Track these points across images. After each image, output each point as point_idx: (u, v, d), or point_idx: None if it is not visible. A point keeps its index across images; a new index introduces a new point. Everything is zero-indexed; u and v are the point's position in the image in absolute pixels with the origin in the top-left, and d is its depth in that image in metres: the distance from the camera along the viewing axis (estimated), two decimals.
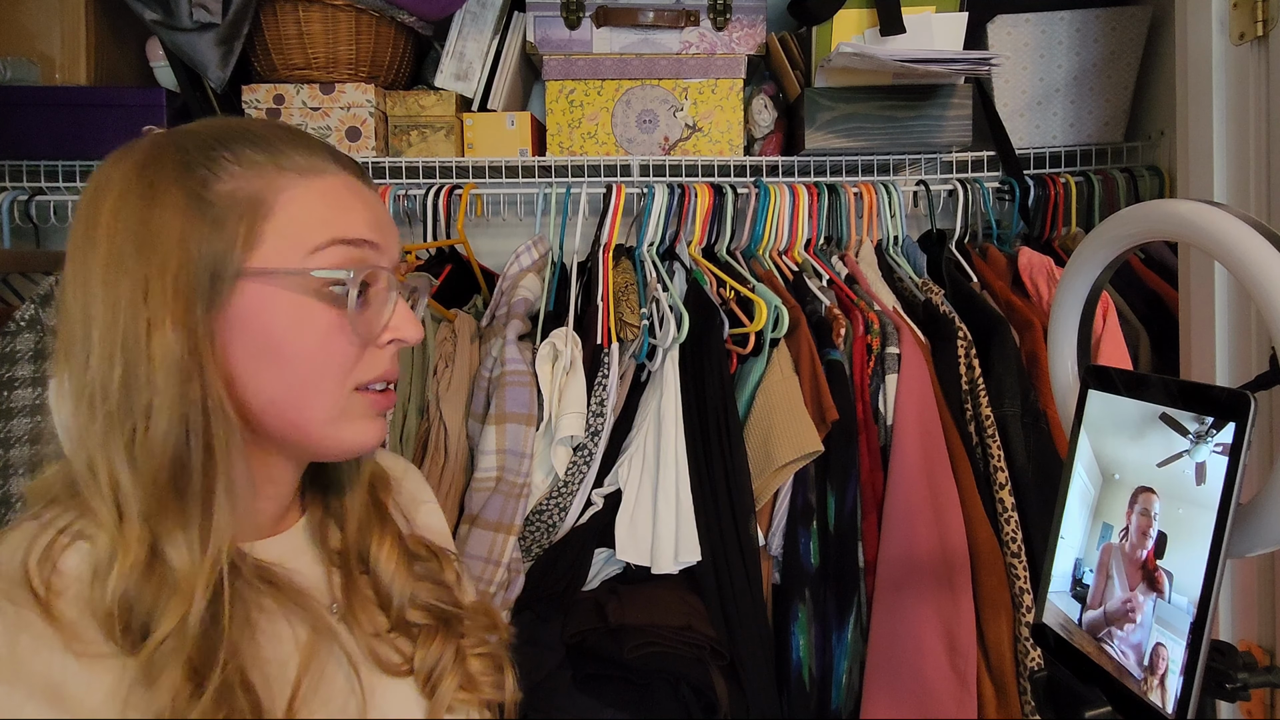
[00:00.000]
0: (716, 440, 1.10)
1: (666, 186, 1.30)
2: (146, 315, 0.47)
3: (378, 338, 0.54)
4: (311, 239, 0.51)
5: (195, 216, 0.49)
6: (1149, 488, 0.49)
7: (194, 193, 0.49)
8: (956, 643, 1.04)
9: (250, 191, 0.50)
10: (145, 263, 0.48)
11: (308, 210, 0.52)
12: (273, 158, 0.52)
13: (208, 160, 0.51)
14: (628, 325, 1.20)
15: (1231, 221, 0.48)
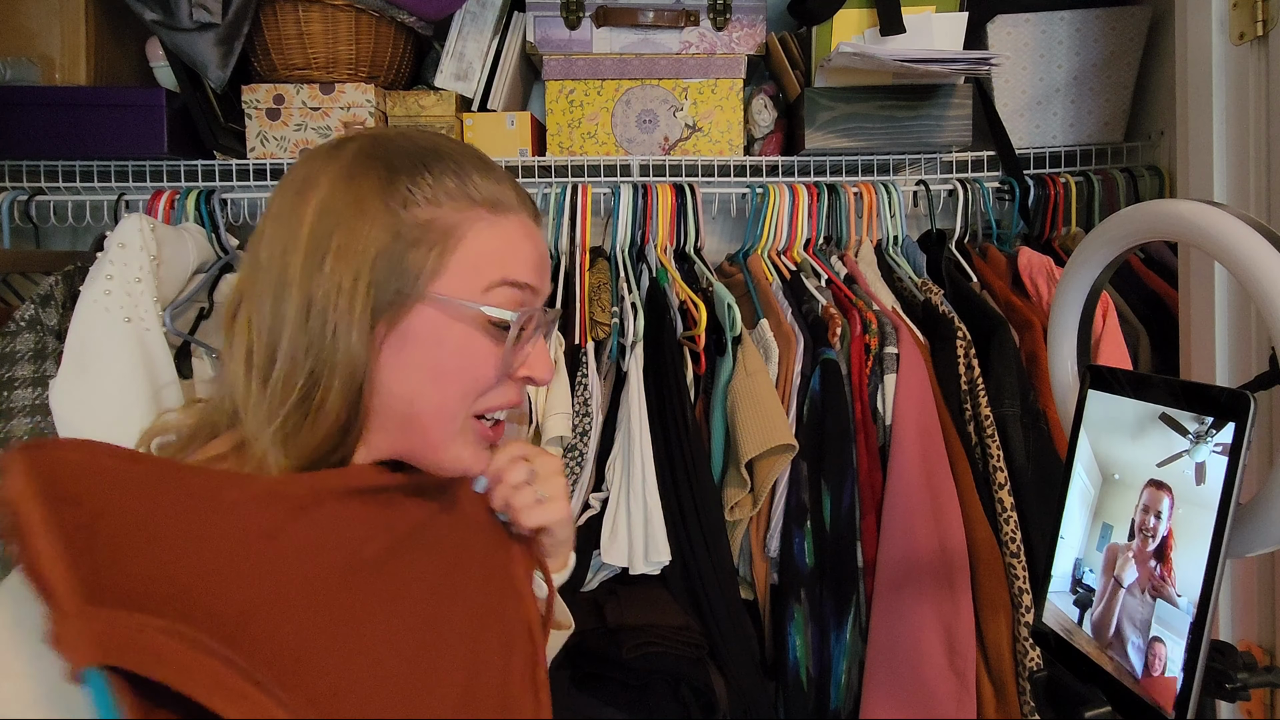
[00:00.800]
0: (677, 438, 1.11)
1: (631, 187, 1.31)
2: (338, 321, 0.51)
3: (515, 371, 0.58)
4: (487, 276, 0.55)
5: (392, 234, 0.53)
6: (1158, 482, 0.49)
7: (394, 212, 0.53)
8: (956, 643, 1.04)
9: (445, 224, 0.54)
10: (342, 269, 0.52)
11: (489, 248, 0.55)
12: (465, 189, 0.55)
13: (411, 182, 0.54)
14: (599, 325, 1.21)
15: (1231, 221, 0.48)
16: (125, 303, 1.02)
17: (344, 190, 0.53)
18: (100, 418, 0.99)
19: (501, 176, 0.59)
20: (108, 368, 1.00)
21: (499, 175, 0.58)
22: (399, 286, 0.53)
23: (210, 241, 1.24)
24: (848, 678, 1.10)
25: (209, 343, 1.12)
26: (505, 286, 0.55)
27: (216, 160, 1.32)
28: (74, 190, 1.33)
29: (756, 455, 1.06)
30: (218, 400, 0.56)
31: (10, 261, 1.25)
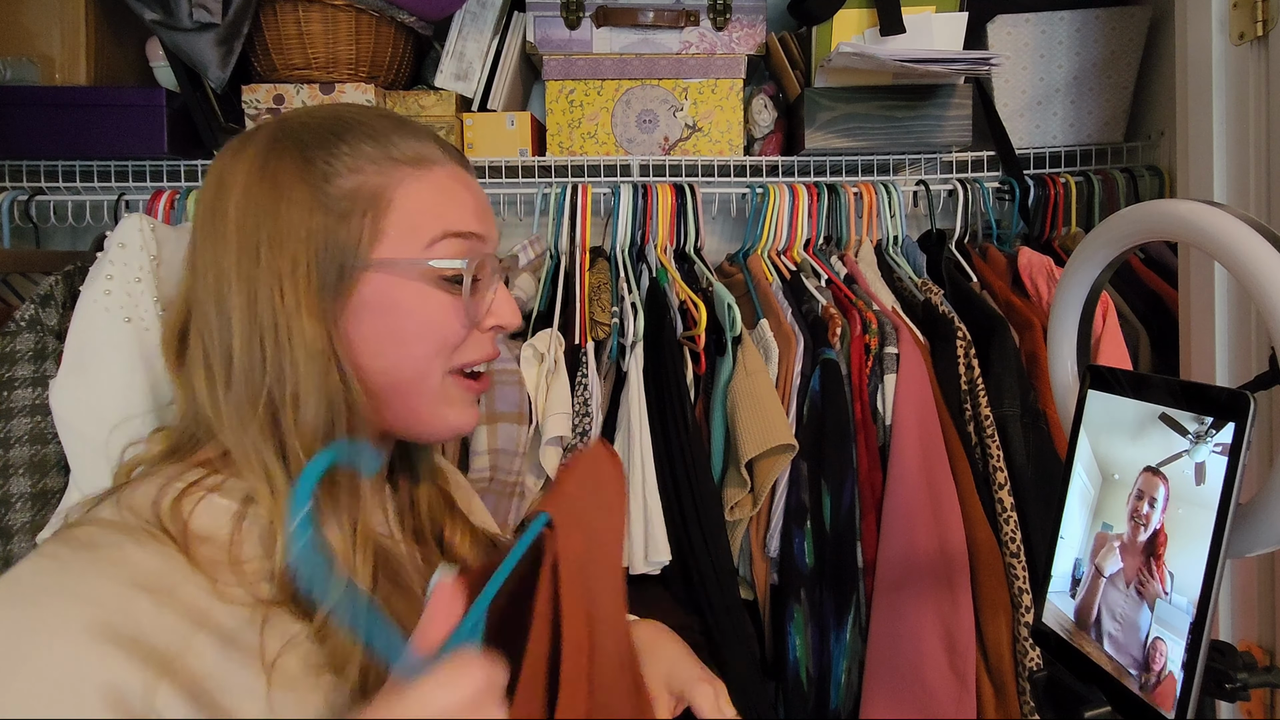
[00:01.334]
0: (677, 438, 1.11)
1: (631, 187, 1.31)
2: (285, 310, 0.51)
3: (481, 322, 0.57)
4: (428, 231, 0.54)
5: (320, 212, 0.52)
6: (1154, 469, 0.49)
7: (317, 187, 0.53)
8: (956, 643, 1.04)
9: (371, 188, 0.53)
10: (277, 257, 0.51)
11: (423, 203, 0.55)
12: (384, 150, 0.55)
13: (327, 155, 0.54)
14: (599, 325, 1.21)
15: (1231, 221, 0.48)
16: (125, 303, 1.02)
17: (260, 179, 0.52)
18: (100, 418, 0.98)
19: (421, 132, 0.58)
20: (108, 368, 1.00)
21: (418, 131, 0.58)
22: (340, 261, 0.52)
23: None
24: (848, 678, 1.10)
25: None
26: (449, 239, 0.55)
27: None
28: (74, 190, 1.33)
29: (756, 455, 1.06)
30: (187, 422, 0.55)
31: (10, 261, 1.25)
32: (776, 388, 1.13)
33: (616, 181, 1.35)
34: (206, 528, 0.50)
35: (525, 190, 1.38)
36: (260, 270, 0.51)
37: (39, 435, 1.03)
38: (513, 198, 1.39)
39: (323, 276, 0.52)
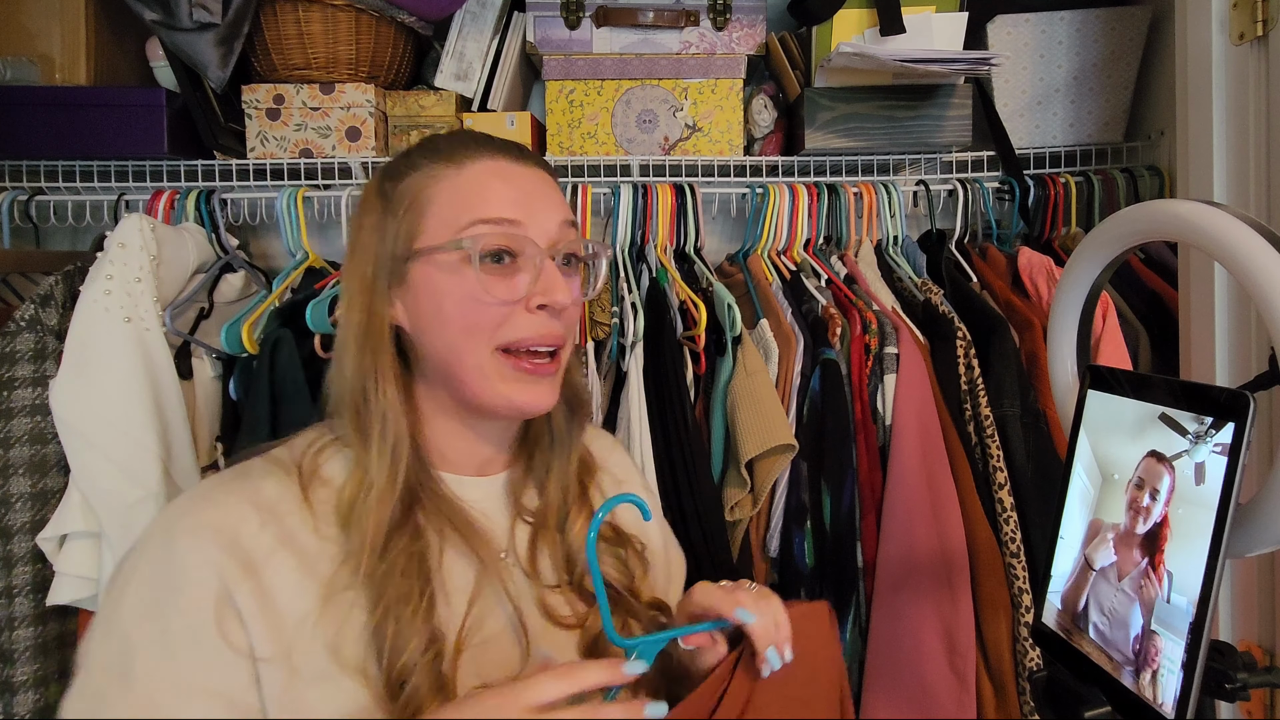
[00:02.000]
0: (677, 438, 1.11)
1: (631, 187, 1.31)
2: (348, 296, 0.65)
3: (526, 301, 0.62)
4: (459, 222, 0.62)
5: (381, 214, 0.64)
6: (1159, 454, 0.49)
7: (384, 195, 0.65)
8: (956, 643, 1.04)
9: (415, 188, 0.63)
10: (353, 259, 0.65)
11: (456, 196, 0.63)
12: (431, 156, 0.65)
13: (395, 170, 0.66)
14: (599, 325, 1.21)
15: (1231, 221, 0.48)
16: (125, 303, 1.02)
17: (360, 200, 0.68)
18: (100, 417, 0.99)
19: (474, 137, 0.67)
20: (108, 368, 1.00)
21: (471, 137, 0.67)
22: (394, 252, 0.63)
23: (210, 241, 1.24)
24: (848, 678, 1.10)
25: (209, 343, 1.12)
26: (477, 225, 0.62)
27: (216, 160, 1.32)
28: (74, 190, 1.33)
29: (756, 455, 1.06)
30: None
31: (10, 261, 1.25)
32: (776, 388, 1.13)
33: (616, 181, 1.35)
34: (331, 474, 0.63)
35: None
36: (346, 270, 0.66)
37: (39, 435, 1.03)
38: None
39: (381, 269, 0.63)
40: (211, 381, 1.14)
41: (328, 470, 0.63)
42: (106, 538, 0.97)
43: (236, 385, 1.11)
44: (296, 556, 0.58)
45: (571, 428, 0.72)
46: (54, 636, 1.04)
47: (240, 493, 0.59)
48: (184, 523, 0.57)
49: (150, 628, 0.54)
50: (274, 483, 0.61)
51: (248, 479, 0.61)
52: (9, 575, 1.01)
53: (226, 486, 0.60)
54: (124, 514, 0.97)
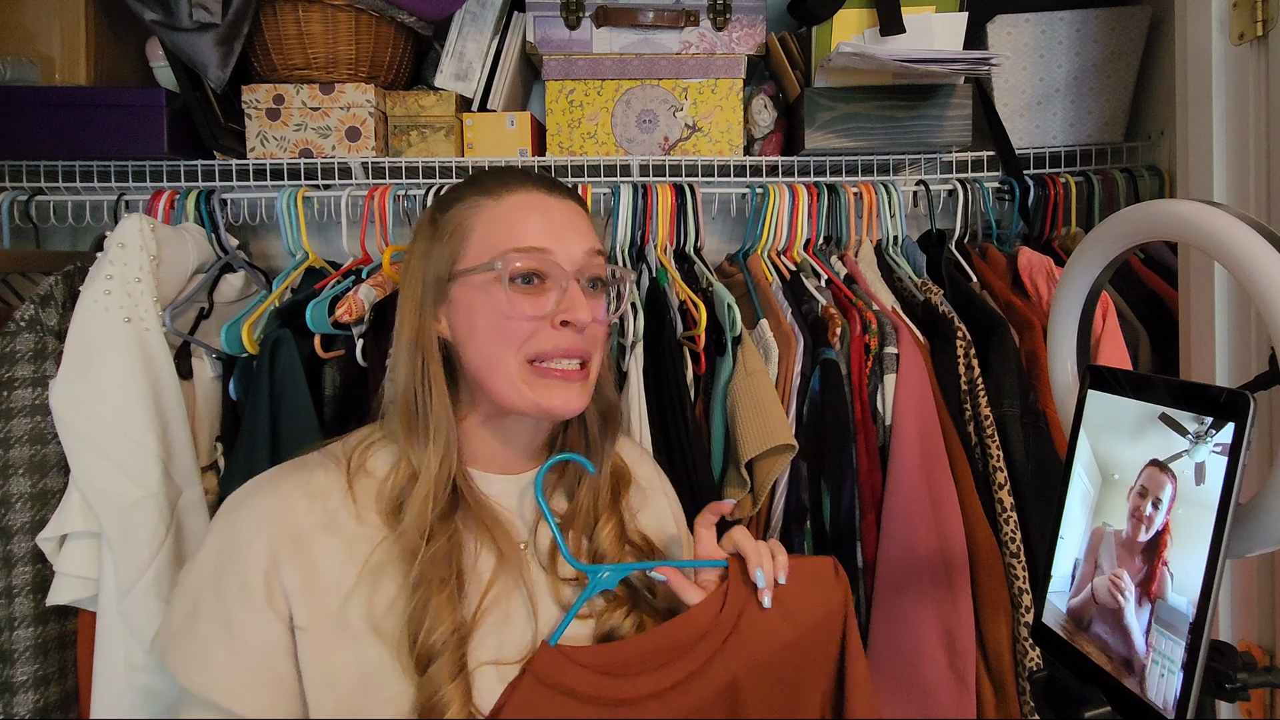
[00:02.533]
0: (677, 438, 1.11)
1: (631, 187, 1.31)
2: (401, 313, 0.73)
3: (551, 317, 0.70)
4: (495, 249, 0.70)
5: (430, 239, 0.73)
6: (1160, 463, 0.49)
7: (433, 222, 0.74)
8: (955, 643, 1.04)
9: (459, 218, 0.72)
10: (405, 276, 0.74)
11: (494, 226, 0.71)
12: (479, 190, 0.73)
13: (445, 200, 0.75)
14: None
15: (1231, 221, 0.48)
16: (125, 303, 1.02)
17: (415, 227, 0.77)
18: (100, 418, 0.99)
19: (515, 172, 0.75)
20: (108, 368, 1.00)
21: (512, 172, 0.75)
22: (438, 274, 0.71)
23: (210, 241, 1.24)
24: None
25: (209, 343, 1.12)
26: (512, 252, 0.69)
27: (216, 160, 1.32)
28: (74, 190, 1.33)
29: (756, 455, 1.06)
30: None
31: (10, 261, 1.25)
32: (776, 388, 1.13)
33: (616, 181, 1.35)
34: (375, 467, 0.72)
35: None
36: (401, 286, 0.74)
37: (39, 435, 1.03)
38: None
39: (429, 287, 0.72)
40: (211, 381, 1.14)
41: (372, 464, 0.72)
42: (106, 538, 0.97)
43: (236, 385, 1.11)
44: (338, 537, 0.67)
45: (604, 438, 0.79)
46: (54, 637, 1.04)
47: (295, 480, 0.69)
48: (247, 502, 0.68)
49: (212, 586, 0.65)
50: (324, 473, 0.70)
51: (304, 469, 0.71)
52: (9, 575, 1.01)
53: (286, 474, 0.70)
54: (124, 514, 0.97)
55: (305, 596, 0.64)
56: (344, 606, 0.65)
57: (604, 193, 1.33)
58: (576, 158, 1.34)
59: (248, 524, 0.67)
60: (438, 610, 0.64)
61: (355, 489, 0.70)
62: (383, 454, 0.73)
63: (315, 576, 0.65)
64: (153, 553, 0.97)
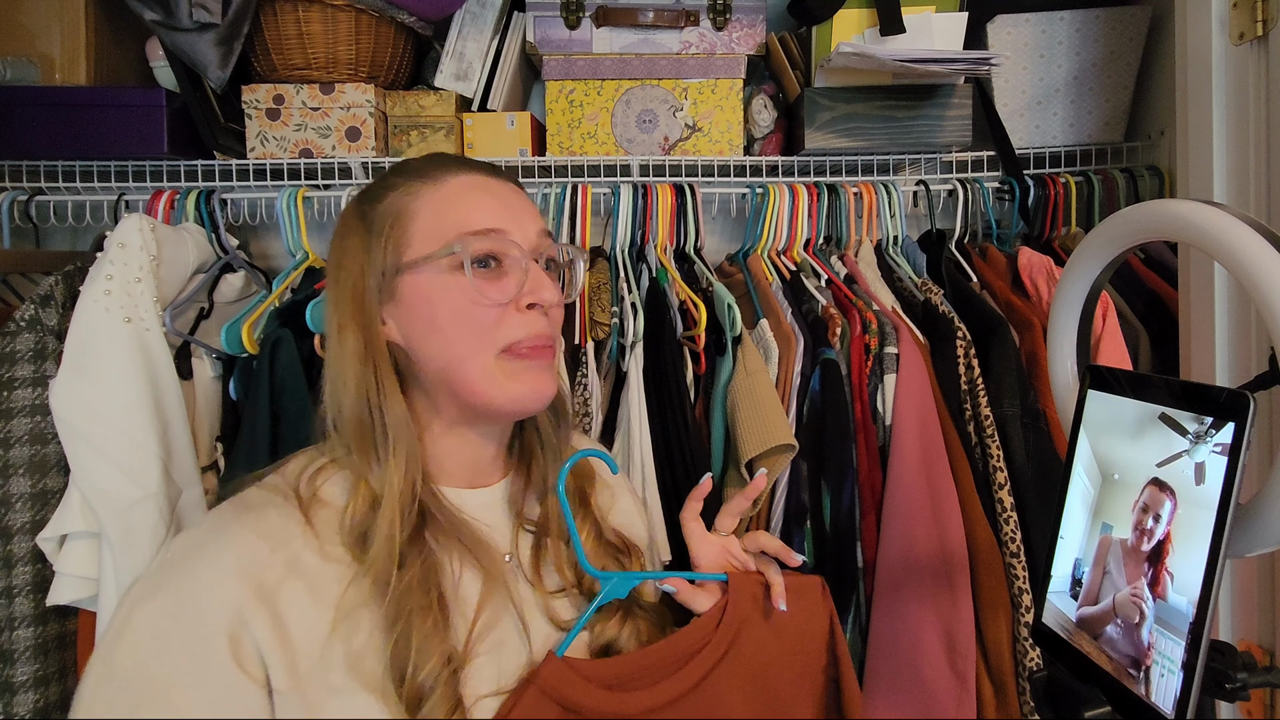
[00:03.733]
0: (677, 439, 1.11)
1: (631, 187, 1.31)
2: (338, 320, 0.65)
3: (516, 301, 0.65)
4: (445, 235, 0.64)
5: (364, 234, 0.66)
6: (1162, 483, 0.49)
7: (363, 217, 0.67)
8: (955, 642, 1.04)
9: (398, 205, 0.66)
10: (337, 281, 0.66)
11: (439, 209, 0.65)
12: (413, 176, 0.67)
13: (372, 192, 0.68)
14: (599, 325, 1.21)
15: (1231, 221, 0.48)
16: (125, 303, 1.02)
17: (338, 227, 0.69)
18: (100, 418, 0.99)
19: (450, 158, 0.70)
20: (108, 368, 1.00)
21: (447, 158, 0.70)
22: (382, 269, 0.65)
23: (210, 241, 1.24)
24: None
25: (209, 343, 1.12)
26: (466, 236, 0.64)
27: (216, 160, 1.32)
28: (74, 190, 1.33)
29: (757, 455, 1.06)
30: None
31: (10, 261, 1.25)
32: (776, 388, 1.13)
33: (616, 181, 1.35)
34: (330, 495, 0.64)
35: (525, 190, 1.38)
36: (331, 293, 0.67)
37: (39, 435, 1.03)
38: None
39: (370, 287, 0.64)
40: (211, 381, 1.14)
41: (326, 492, 0.64)
42: (106, 538, 0.97)
43: (236, 385, 1.11)
44: (304, 580, 0.59)
45: (559, 432, 0.75)
46: (54, 636, 1.04)
47: (247, 525, 0.60)
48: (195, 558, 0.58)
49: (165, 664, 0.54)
50: (275, 511, 0.62)
51: (250, 510, 0.62)
52: (9, 575, 1.01)
53: (232, 520, 0.61)
54: (124, 514, 0.97)
55: (282, 655, 0.56)
56: (323, 659, 0.57)
57: (604, 193, 1.33)
58: (576, 158, 1.34)
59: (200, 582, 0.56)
60: (423, 643, 0.58)
61: (314, 523, 0.62)
62: (335, 480, 0.65)
63: (289, 631, 0.57)
64: (153, 553, 0.97)
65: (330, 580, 0.60)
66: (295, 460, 0.67)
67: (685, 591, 0.72)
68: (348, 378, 0.64)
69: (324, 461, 0.66)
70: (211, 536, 0.59)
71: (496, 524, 0.70)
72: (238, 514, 0.61)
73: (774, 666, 0.70)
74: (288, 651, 0.56)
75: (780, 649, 0.70)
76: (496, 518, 0.71)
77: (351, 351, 0.64)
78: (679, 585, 0.71)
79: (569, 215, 1.29)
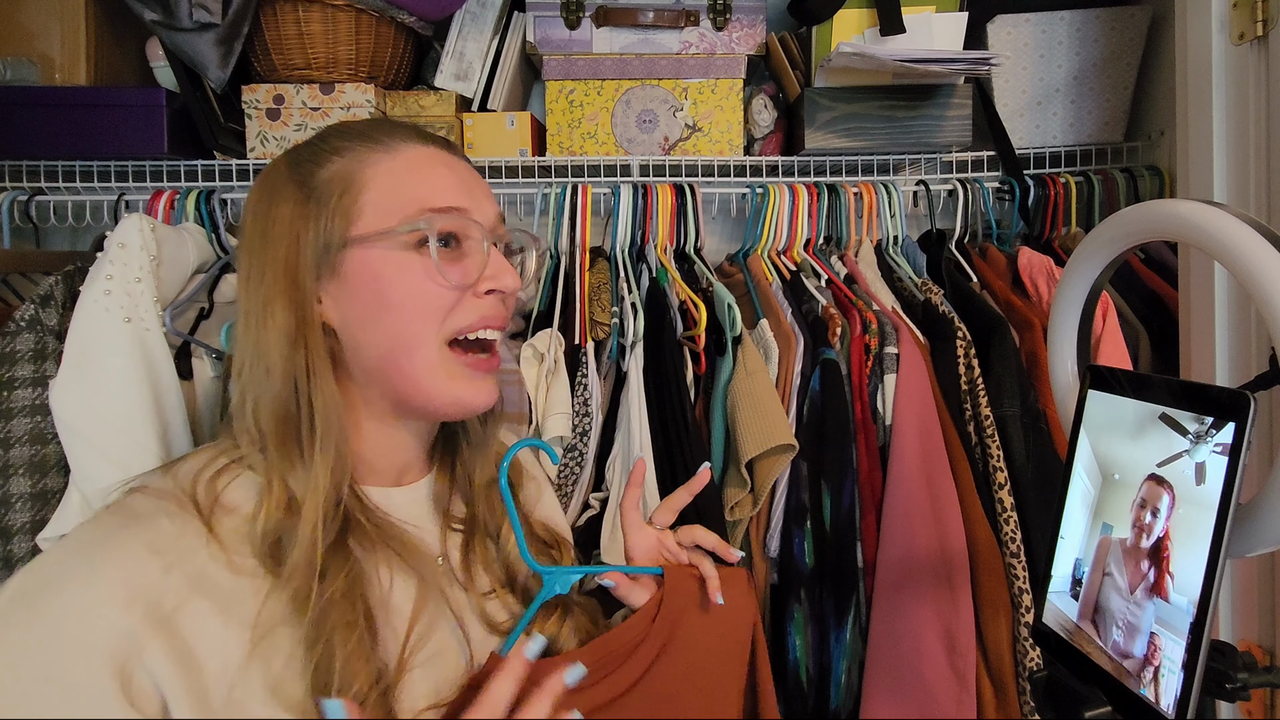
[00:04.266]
0: (677, 438, 1.11)
1: (631, 187, 1.31)
2: (263, 294, 0.57)
3: (474, 286, 0.60)
4: (403, 210, 0.58)
5: (303, 203, 0.58)
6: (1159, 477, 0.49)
7: (302, 182, 0.59)
8: (956, 643, 1.04)
9: (346, 172, 0.59)
10: (264, 251, 0.58)
11: (395, 180, 0.59)
12: (362, 142, 0.60)
13: (311, 155, 0.60)
14: (599, 325, 1.21)
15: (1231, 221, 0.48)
16: (125, 303, 1.02)
17: (262, 189, 0.61)
18: (100, 418, 0.99)
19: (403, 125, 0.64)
20: (108, 368, 1.00)
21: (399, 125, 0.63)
22: (324, 241, 0.58)
23: (210, 241, 1.24)
24: (848, 678, 1.10)
25: (209, 343, 1.12)
26: (427, 214, 0.59)
27: (216, 160, 1.32)
28: (74, 190, 1.33)
29: (756, 455, 1.06)
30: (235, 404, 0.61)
31: (10, 261, 1.25)
32: (776, 388, 1.13)
33: (616, 181, 1.35)
34: (235, 500, 0.56)
35: (525, 190, 1.38)
36: (255, 263, 0.58)
37: (39, 435, 1.03)
38: (512, 198, 1.39)
39: (307, 261, 0.57)
40: (211, 381, 1.14)
41: (230, 497, 0.56)
42: None
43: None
44: (211, 599, 0.51)
45: (486, 429, 0.70)
46: None
47: (134, 538, 0.51)
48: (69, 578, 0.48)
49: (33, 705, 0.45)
50: (169, 520, 0.52)
51: (138, 520, 0.52)
52: (9, 575, 1.01)
53: (117, 533, 0.51)
54: None
55: (186, 686, 0.48)
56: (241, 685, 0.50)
57: (604, 193, 1.33)
58: (576, 158, 1.34)
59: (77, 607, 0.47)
60: (347, 664, 0.51)
61: (218, 533, 0.53)
62: (240, 482, 0.57)
63: (194, 658, 0.49)
64: None
65: (242, 596, 0.52)
66: (188, 461, 0.58)
67: (623, 586, 0.71)
68: (272, 361, 0.56)
69: (224, 462, 0.57)
70: (91, 556, 0.49)
71: (424, 524, 0.65)
72: (124, 524, 0.52)
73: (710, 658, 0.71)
74: (194, 681, 0.49)
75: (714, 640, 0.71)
76: (423, 517, 0.66)
77: (279, 331, 0.56)
78: (618, 579, 0.71)
79: (569, 215, 1.29)
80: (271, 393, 0.56)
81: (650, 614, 0.70)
